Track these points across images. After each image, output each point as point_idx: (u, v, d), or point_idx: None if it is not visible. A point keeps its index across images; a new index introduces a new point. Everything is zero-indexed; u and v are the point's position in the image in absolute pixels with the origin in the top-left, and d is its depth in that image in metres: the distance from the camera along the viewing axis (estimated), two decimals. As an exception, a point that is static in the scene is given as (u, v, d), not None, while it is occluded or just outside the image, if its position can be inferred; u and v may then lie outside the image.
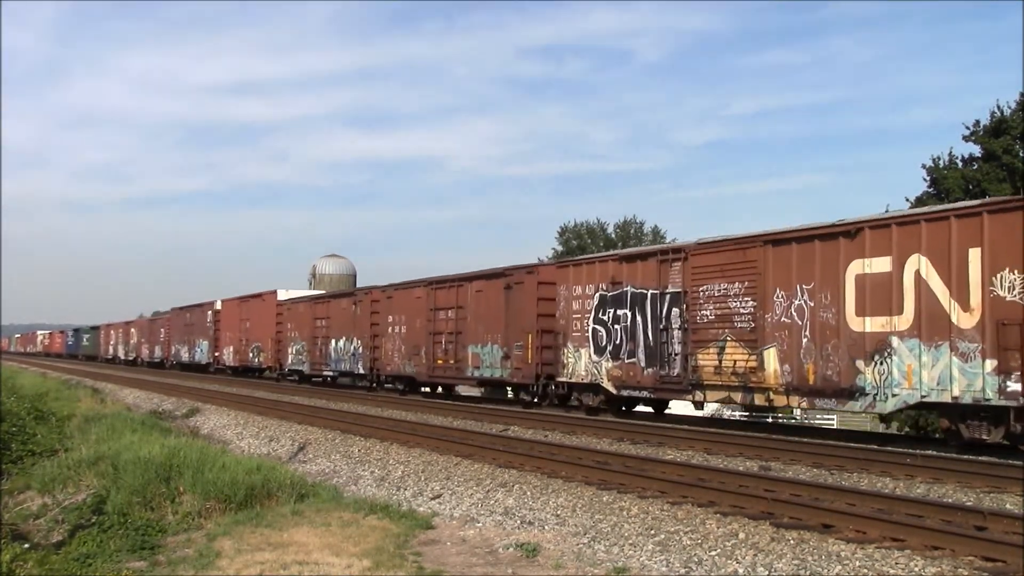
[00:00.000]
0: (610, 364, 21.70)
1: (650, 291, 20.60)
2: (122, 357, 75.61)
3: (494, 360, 26.05)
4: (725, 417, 31.63)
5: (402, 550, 9.74)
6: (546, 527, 10.61)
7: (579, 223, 67.79)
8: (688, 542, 9.43)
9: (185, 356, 56.79)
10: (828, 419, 40.61)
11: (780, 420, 31.14)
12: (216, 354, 50.76)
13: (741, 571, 8.42)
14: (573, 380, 23.03)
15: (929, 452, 14.51)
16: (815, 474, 13.36)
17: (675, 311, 19.88)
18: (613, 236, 66.36)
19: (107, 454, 15.45)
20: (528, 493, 12.40)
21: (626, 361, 21.23)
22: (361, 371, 34.28)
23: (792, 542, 9.08)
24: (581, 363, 22.67)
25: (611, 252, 22.50)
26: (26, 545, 10.66)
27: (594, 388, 22.38)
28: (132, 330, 74.15)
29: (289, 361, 41.07)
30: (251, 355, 45.40)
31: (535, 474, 13.57)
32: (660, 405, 22.95)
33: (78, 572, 9.85)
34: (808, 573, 8.21)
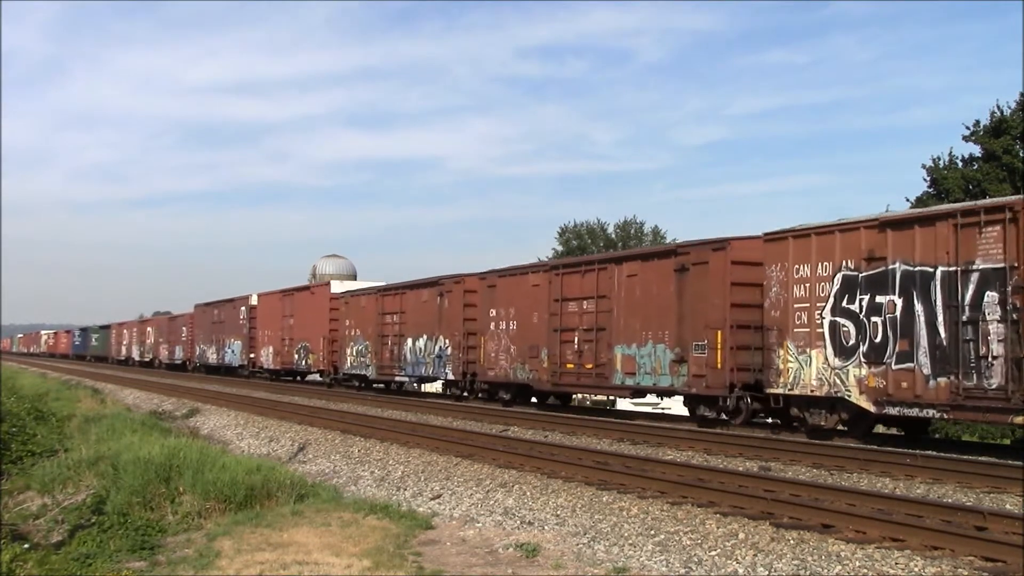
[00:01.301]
0: (864, 371, 16.09)
1: (939, 268, 15.09)
2: (136, 358, 70.13)
3: (658, 365, 20.36)
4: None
5: (402, 550, 9.74)
6: (546, 527, 10.61)
7: (579, 223, 67.85)
8: (688, 542, 9.43)
9: (212, 358, 51.03)
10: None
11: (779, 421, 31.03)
12: (251, 355, 45.17)
13: (741, 571, 8.42)
14: (796, 392, 17.24)
15: (929, 452, 14.50)
16: (815, 474, 13.37)
17: (990, 296, 14.37)
18: (613, 236, 66.38)
19: (107, 454, 15.46)
20: (528, 493, 12.40)
21: (894, 367, 15.63)
22: (449, 376, 28.53)
23: (792, 542, 9.08)
24: (810, 369, 16.93)
25: (863, 217, 16.47)
26: (26, 545, 10.66)
27: (831, 403, 16.80)
28: (149, 329, 68.00)
29: (347, 364, 35.09)
30: (297, 357, 39.51)
31: (535, 474, 13.57)
32: (918, 427, 17.43)
33: (78, 572, 9.85)
34: (808, 573, 8.21)
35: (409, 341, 30.89)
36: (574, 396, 27.44)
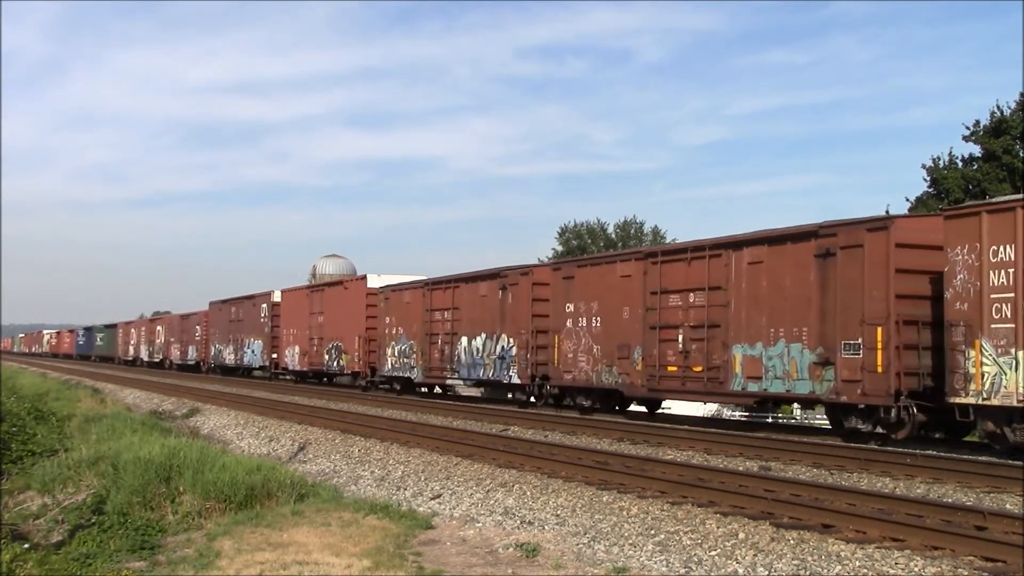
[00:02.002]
0: None
1: None
2: (145, 359, 66.77)
3: (792, 368, 17.35)
4: (725, 417, 31.69)
5: (402, 550, 9.74)
6: (546, 527, 10.60)
7: (579, 223, 67.94)
8: (688, 542, 9.43)
9: (230, 358, 47.92)
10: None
11: (780, 420, 31.15)
12: (274, 356, 42.24)
13: (741, 571, 8.42)
14: (994, 402, 14.10)
15: (929, 452, 14.50)
16: (815, 474, 13.37)
17: None
18: (613, 236, 66.44)
19: (107, 454, 15.46)
20: (528, 493, 12.40)
21: None
22: (515, 380, 25.15)
23: (792, 542, 9.08)
24: (1015, 374, 13.80)
25: None
26: (26, 545, 10.66)
27: None
28: (159, 328, 64.25)
29: (388, 365, 31.98)
30: (327, 357, 36.41)
31: (535, 474, 13.57)
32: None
33: (78, 572, 9.85)
34: (808, 573, 8.21)
35: (464, 340, 27.61)
36: (663, 404, 24.31)
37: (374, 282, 33.74)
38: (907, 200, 37.95)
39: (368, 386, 33.48)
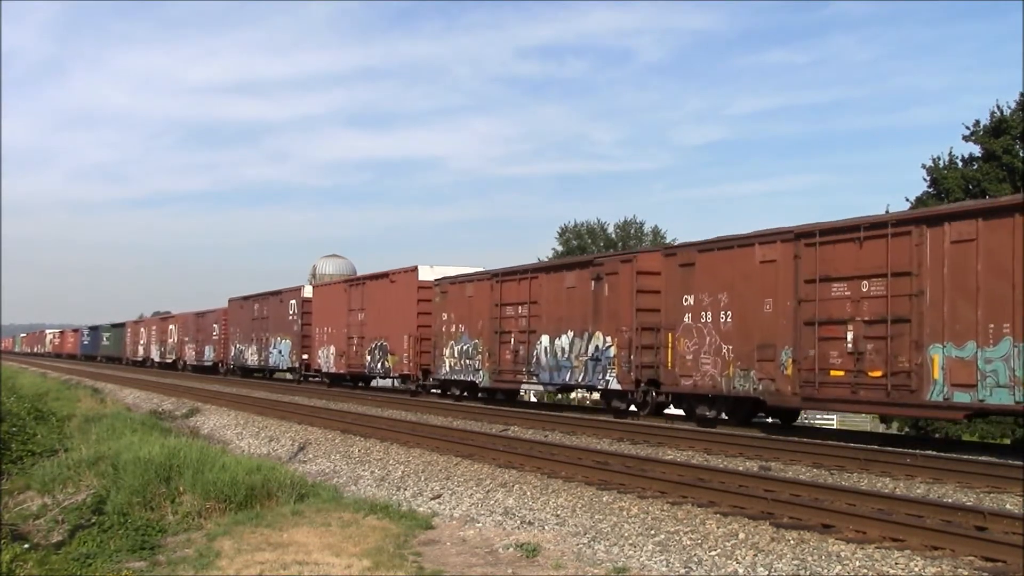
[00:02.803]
0: None
1: None
2: (156, 359, 62.83)
3: None
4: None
5: (402, 550, 9.74)
6: (546, 527, 10.61)
7: (579, 223, 67.93)
8: (688, 542, 9.43)
9: (252, 359, 44.60)
10: (828, 419, 40.62)
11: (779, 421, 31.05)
12: (305, 357, 38.81)
13: (741, 571, 8.42)
14: None
15: (929, 452, 14.50)
16: (815, 474, 13.37)
17: None
18: (613, 236, 66.46)
19: (107, 454, 15.46)
20: (528, 493, 12.40)
21: None
22: (614, 384, 21.51)
23: (792, 542, 9.08)
24: None
25: None
26: (26, 545, 10.67)
27: None
28: (171, 327, 59.99)
29: (445, 368, 28.58)
30: (369, 358, 33.08)
31: (535, 474, 13.57)
32: None
33: (78, 572, 9.86)
34: (808, 573, 8.21)
35: (544, 339, 24.02)
36: (801, 414, 21.30)
37: (426, 274, 29.97)
38: (907, 200, 37.95)
39: (419, 390, 30.26)
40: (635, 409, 21.43)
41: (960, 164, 37.40)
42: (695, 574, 8.50)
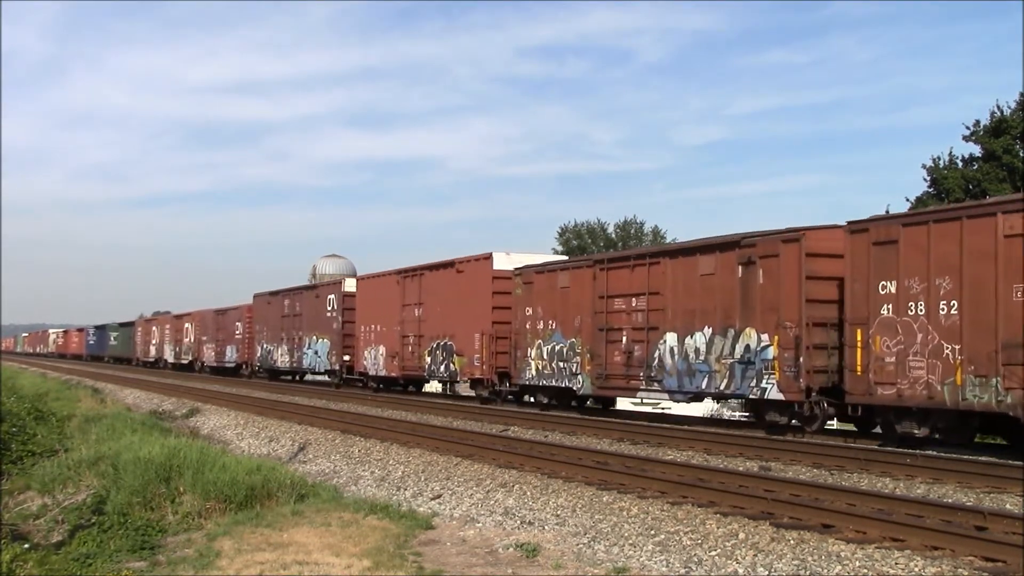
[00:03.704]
0: None
1: None
2: (170, 361, 58.96)
3: None
4: (725, 417, 31.67)
5: (402, 550, 9.75)
6: (546, 527, 10.61)
7: (579, 223, 68.02)
8: (688, 542, 9.43)
9: (283, 360, 40.72)
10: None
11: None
12: (346, 358, 34.52)
13: (741, 571, 8.42)
14: None
15: (929, 452, 14.50)
16: (815, 474, 13.37)
17: None
18: (613, 236, 66.49)
19: (107, 454, 15.46)
20: (528, 493, 12.41)
21: None
22: (773, 394, 17.64)
23: (792, 542, 9.08)
24: None
25: None
26: (26, 545, 10.67)
27: None
28: (187, 325, 55.90)
29: (531, 371, 24.39)
30: (430, 360, 28.89)
31: (535, 474, 13.57)
32: None
33: (78, 572, 9.86)
34: (808, 573, 8.21)
35: (670, 338, 20.08)
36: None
37: (503, 263, 25.86)
38: (907, 200, 37.98)
39: (494, 397, 26.06)
40: (799, 424, 17.59)
41: (960, 164, 37.43)
42: (695, 574, 8.50)
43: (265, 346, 43.06)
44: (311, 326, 37.79)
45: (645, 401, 26.92)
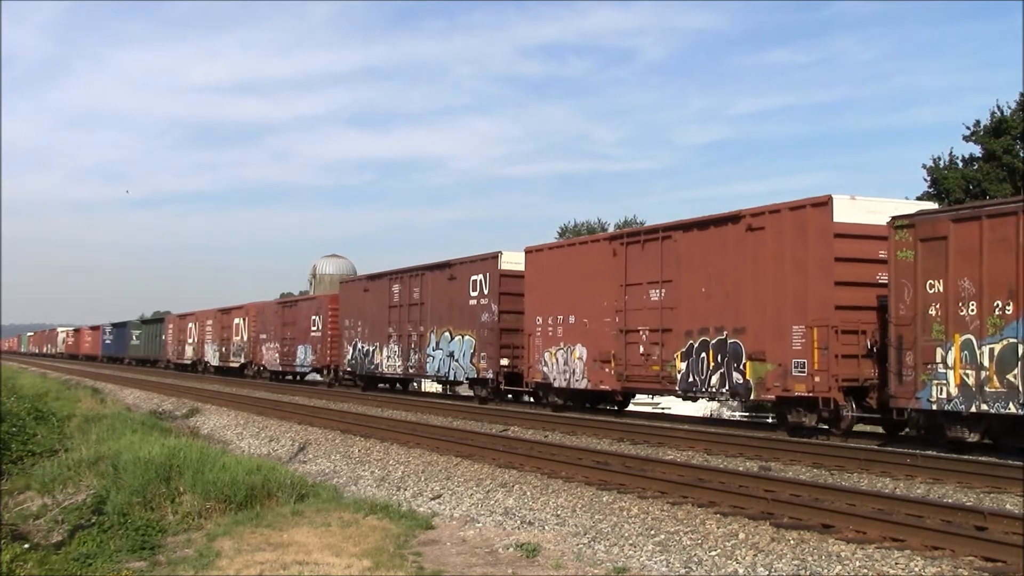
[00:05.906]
0: None
1: None
2: (214, 364, 49.17)
3: None
4: (725, 417, 31.68)
5: (402, 550, 9.74)
6: (546, 527, 10.61)
7: (579, 223, 67.98)
8: (688, 542, 9.43)
9: (391, 364, 31.67)
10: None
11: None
12: (505, 362, 25.77)
13: (741, 571, 8.42)
14: None
15: (929, 452, 14.51)
16: (815, 474, 13.37)
17: None
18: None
19: (107, 454, 15.45)
20: (528, 493, 12.41)
21: None
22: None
23: (792, 542, 9.09)
24: None
25: None
26: (26, 545, 10.65)
27: None
28: (237, 321, 46.40)
29: (948, 388, 14.47)
30: (685, 367, 19.46)
31: (535, 474, 13.57)
32: None
33: (78, 572, 9.85)
34: (808, 573, 8.21)
35: None
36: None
37: (845, 213, 16.64)
38: (907, 200, 37.98)
39: (821, 422, 17.04)
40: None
41: (960, 164, 37.44)
42: (695, 574, 8.50)
43: (360, 346, 33.98)
44: (438, 318, 29.02)
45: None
